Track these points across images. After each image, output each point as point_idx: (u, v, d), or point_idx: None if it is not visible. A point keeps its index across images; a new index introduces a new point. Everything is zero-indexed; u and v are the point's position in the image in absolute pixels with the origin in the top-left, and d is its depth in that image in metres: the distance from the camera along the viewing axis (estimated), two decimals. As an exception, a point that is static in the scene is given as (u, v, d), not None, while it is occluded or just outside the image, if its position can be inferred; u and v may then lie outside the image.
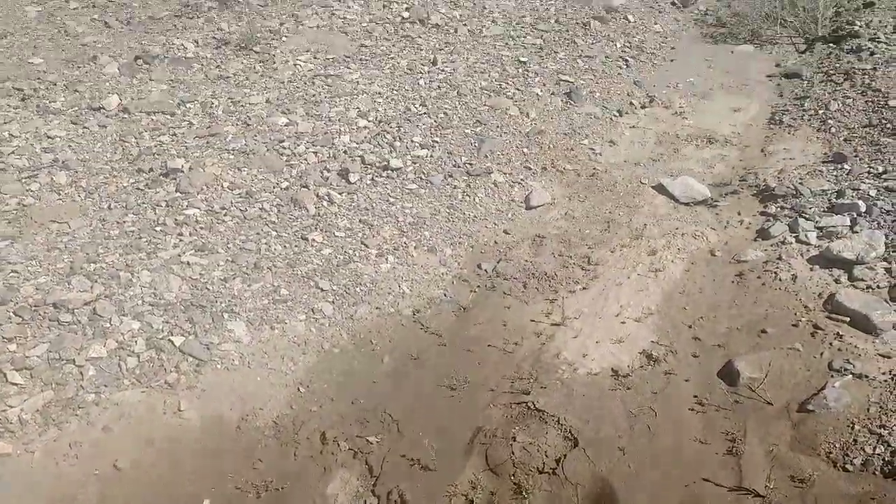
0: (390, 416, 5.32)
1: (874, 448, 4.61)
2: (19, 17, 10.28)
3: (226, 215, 6.87)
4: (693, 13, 12.82)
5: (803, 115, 8.94)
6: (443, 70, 9.67)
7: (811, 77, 9.96)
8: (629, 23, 11.78)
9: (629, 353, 5.70)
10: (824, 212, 6.89)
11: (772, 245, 6.67)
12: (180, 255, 6.35)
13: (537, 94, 9.32)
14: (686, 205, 7.51)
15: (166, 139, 7.87)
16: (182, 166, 7.30)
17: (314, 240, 6.74)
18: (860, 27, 10.82)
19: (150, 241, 6.46)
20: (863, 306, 5.60)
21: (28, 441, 4.84)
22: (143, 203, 6.92)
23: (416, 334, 6.05)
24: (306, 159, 7.70)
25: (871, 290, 5.86)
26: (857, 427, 4.74)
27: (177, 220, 6.73)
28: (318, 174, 7.49)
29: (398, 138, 8.09)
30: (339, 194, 7.26)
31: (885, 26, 10.60)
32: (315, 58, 9.87)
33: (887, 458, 4.53)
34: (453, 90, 9.17)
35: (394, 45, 10.36)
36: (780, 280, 6.20)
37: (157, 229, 6.62)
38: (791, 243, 6.61)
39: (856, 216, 6.64)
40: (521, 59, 10.17)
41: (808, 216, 6.84)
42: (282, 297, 6.16)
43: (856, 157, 7.70)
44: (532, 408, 5.28)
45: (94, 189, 7.06)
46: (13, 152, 7.39)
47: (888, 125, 8.10)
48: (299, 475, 4.97)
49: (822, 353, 5.34)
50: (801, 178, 7.50)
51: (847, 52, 10.27)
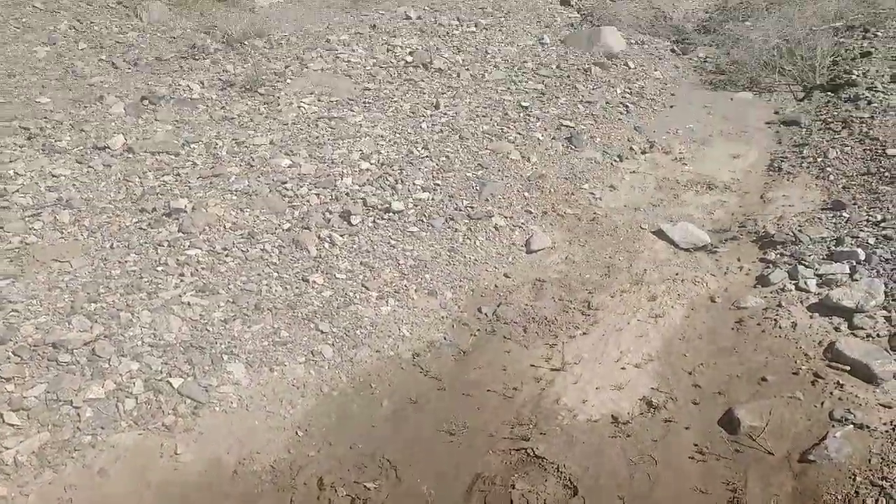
0: (388, 462, 5.28)
1: (876, 500, 4.57)
2: (28, 57, 10.42)
3: (227, 256, 6.89)
4: (692, 60, 13.03)
5: (802, 163, 9.02)
6: (445, 114, 9.78)
7: (809, 125, 10.07)
8: (629, 69, 11.94)
9: (629, 400, 5.68)
10: (824, 259, 6.91)
11: (771, 292, 6.69)
12: (181, 296, 6.35)
13: (538, 139, 9.41)
14: (686, 250, 7.54)
15: (170, 179, 7.93)
16: (185, 206, 7.34)
17: (315, 281, 6.75)
18: (857, 76, 10.96)
19: (151, 282, 6.47)
20: (863, 355, 5.60)
21: (23, 483, 4.80)
22: (146, 243, 6.94)
23: (416, 378, 6.03)
24: (308, 201, 7.75)
25: (871, 338, 5.87)
26: (858, 479, 4.71)
27: (178, 260, 6.75)
28: (320, 216, 7.52)
29: (400, 181, 8.15)
30: (341, 236, 7.29)
31: (882, 76, 10.73)
32: (319, 100, 9.98)
33: (890, 511, 4.50)
34: (455, 134, 9.27)
35: (397, 89, 10.49)
36: (780, 327, 6.21)
37: (159, 269, 6.63)
38: (791, 290, 6.63)
39: (855, 264, 6.66)
40: (523, 103, 10.29)
41: (807, 263, 6.87)
42: (282, 339, 6.15)
43: (854, 204, 7.75)
44: (531, 454, 5.24)
45: (97, 228, 7.09)
46: (18, 190, 7.43)
47: (886, 173, 8.16)
48: (296, 521, 4.93)
49: (822, 403, 5.33)
50: (800, 226, 7.54)
51: (845, 101, 10.38)
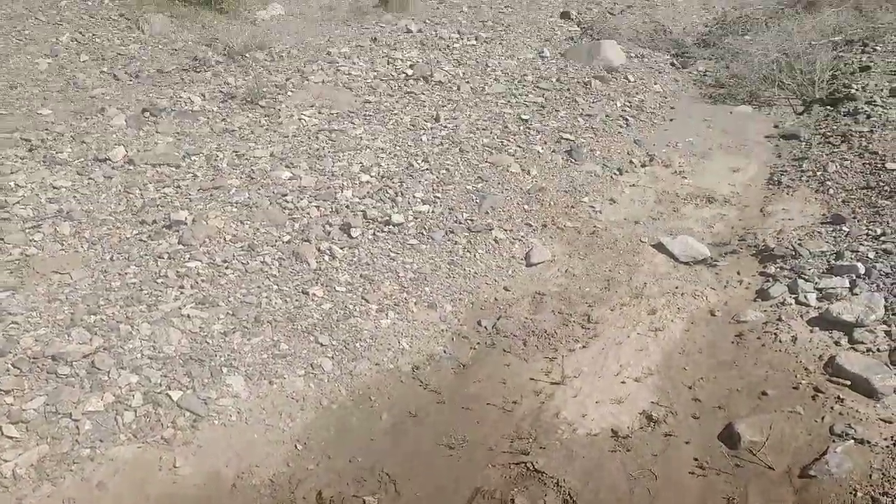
0: (388, 475, 5.26)
1: (877, 516, 4.57)
2: (30, 68, 10.46)
3: (227, 268, 6.89)
4: (692, 74, 13.06)
5: (801, 176, 9.03)
6: (445, 126, 9.81)
7: (809, 138, 10.10)
8: (629, 82, 11.98)
9: (629, 414, 5.67)
10: (823, 273, 6.91)
11: (771, 306, 6.69)
12: (181, 308, 6.35)
13: (538, 152, 9.43)
14: (686, 264, 7.54)
15: (170, 191, 7.94)
16: (185, 218, 7.35)
17: (315, 294, 6.75)
18: (857, 90, 11.00)
19: (151, 294, 6.47)
20: (863, 370, 5.60)
21: (21, 496, 4.78)
22: (146, 255, 6.95)
23: (415, 391, 6.02)
24: (309, 213, 7.76)
25: (871, 353, 5.87)
26: (859, 494, 4.70)
27: (178, 272, 6.75)
28: (320, 228, 7.53)
29: (400, 194, 8.16)
30: (341, 249, 7.30)
31: (881, 90, 10.77)
32: (319, 113, 10.01)
33: (891, 527, 4.49)
34: (455, 146, 9.29)
35: (397, 102, 10.52)
36: (780, 341, 6.20)
37: (159, 281, 6.63)
38: (791, 304, 6.63)
39: (855, 278, 6.67)
40: (523, 116, 10.32)
41: (807, 277, 6.87)
42: (281, 351, 6.15)
43: (854, 218, 7.76)
44: (531, 469, 5.23)
45: (97, 240, 7.09)
46: (18, 202, 7.44)
47: (885, 188, 8.17)
48: (294, 535, 4.91)
49: (823, 417, 5.32)
50: (799, 239, 7.54)
51: (844, 115, 10.41)
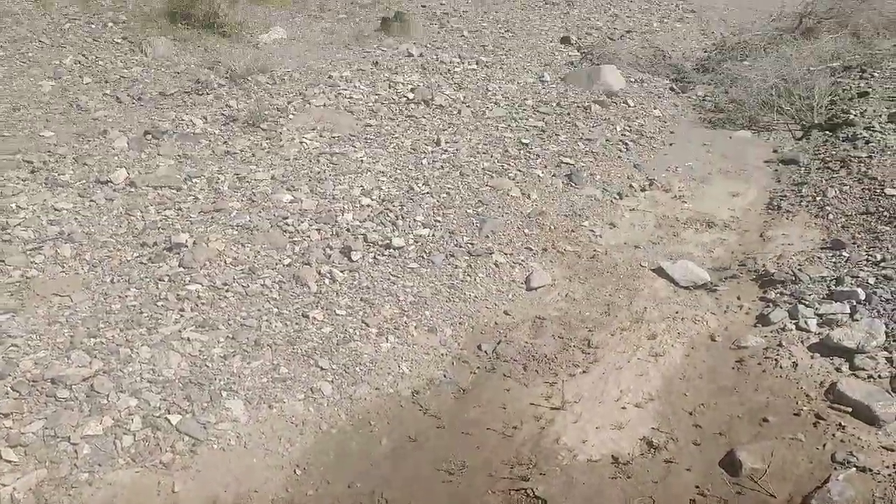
0: (387, 501, 5.23)
1: (880, 545, 4.54)
2: (34, 91, 10.52)
3: (227, 291, 6.89)
4: (691, 99, 13.13)
5: (801, 201, 9.06)
6: (446, 150, 9.86)
7: (808, 164, 10.14)
8: (629, 107, 12.05)
9: (629, 440, 5.65)
10: (824, 299, 6.92)
11: (772, 331, 6.68)
12: (181, 331, 6.34)
13: (539, 176, 9.47)
14: (686, 288, 7.54)
15: (172, 213, 7.96)
16: (186, 241, 7.36)
17: (315, 317, 6.74)
18: (855, 116, 11.06)
19: (151, 317, 6.47)
20: (865, 397, 5.59)
21: (18, 521, 4.76)
22: (146, 277, 6.95)
23: (415, 416, 6.00)
24: (309, 236, 7.77)
25: (872, 379, 5.85)
26: (862, 523, 4.67)
27: (178, 295, 6.75)
28: (320, 251, 7.54)
29: (401, 217, 8.18)
30: (341, 272, 7.30)
31: (880, 116, 10.82)
32: (321, 136, 10.05)
33: (893, 557, 4.46)
34: (456, 170, 9.33)
35: (398, 125, 10.58)
36: (780, 367, 6.19)
37: (159, 304, 6.63)
38: (791, 330, 6.62)
39: (855, 304, 6.67)
40: (523, 140, 10.37)
41: (807, 303, 6.87)
42: (281, 375, 6.13)
43: (854, 244, 7.77)
44: (531, 495, 5.20)
45: (98, 262, 7.10)
46: (19, 224, 7.45)
47: (885, 213, 8.20)
48: (293, 562, 4.87)
49: (824, 445, 5.30)
50: (799, 264, 7.55)
51: (843, 140, 10.46)
